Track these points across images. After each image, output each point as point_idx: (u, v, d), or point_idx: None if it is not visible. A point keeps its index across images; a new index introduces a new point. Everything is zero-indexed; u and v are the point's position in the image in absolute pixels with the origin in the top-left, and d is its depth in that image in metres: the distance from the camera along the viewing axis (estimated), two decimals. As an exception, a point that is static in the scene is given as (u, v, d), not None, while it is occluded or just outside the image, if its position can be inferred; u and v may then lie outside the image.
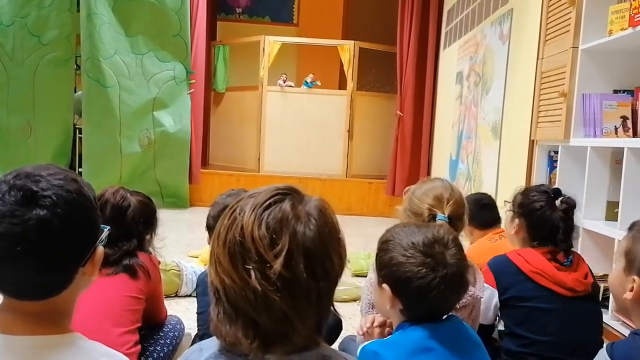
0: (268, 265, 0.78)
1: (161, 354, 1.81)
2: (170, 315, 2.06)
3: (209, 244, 1.63)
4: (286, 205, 0.82)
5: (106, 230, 0.97)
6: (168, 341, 1.88)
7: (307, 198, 0.86)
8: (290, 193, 0.85)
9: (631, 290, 1.17)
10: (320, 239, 0.82)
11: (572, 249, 1.65)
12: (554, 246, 1.61)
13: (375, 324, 1.39)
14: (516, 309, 1.59)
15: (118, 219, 1.68)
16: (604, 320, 2.19)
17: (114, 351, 0.94)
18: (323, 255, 0.82)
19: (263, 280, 0.78)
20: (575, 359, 1.50)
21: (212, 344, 0.87)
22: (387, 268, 1.17)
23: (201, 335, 1.72)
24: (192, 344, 1.83)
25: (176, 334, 1.95)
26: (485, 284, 1.61)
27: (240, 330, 0.80)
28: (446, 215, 1.55)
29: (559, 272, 1.57)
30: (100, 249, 0.94)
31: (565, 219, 1.61)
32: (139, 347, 1.69)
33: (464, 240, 1.95)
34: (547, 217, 1.63)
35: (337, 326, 1.95)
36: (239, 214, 0.82)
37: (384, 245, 1.20)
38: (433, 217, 1.61)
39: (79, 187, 0.89)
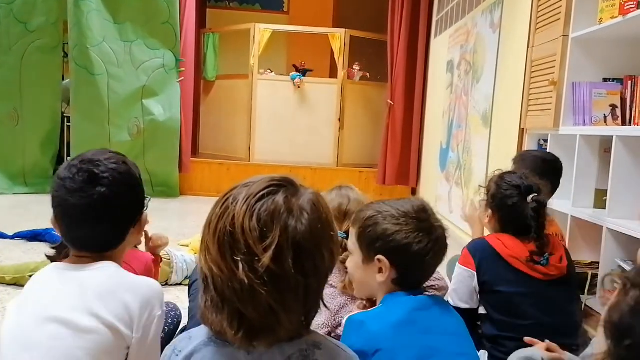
0: (256, 258, 0.78)
1: None
2: (167, 302, 2.04)
3: None
4: (279, 197, 0.81)
5: (148, 200, 1.26)
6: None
7: (302, 190, 0.85)
8: (285, 185, 0.84)
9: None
10: (312, 234, 0.81)
11: (546, 242, 1.64)
12: (528, 241, 1.62)
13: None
14: (494, 294, 1.60)
15: None
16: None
17: (152, 279, 1.19)
18: (313, 250, 0.81)
19: (250, 272, 0.78)
20: (552, 341, 1.50)
21: (201, 332, 0.87)
22: (381, 239, 1.20)
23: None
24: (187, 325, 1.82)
25: (169, 321, 1.89)
26: (461, 268, 1.65)
27: (226, 320, 0.81)
28: (344, 232, 1.49)
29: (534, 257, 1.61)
30: (145, 214, 1.25)
31: (536, 218, 1.61)
32: None
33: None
34: (519, 214, 1.63)
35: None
36: (232, 203, 0.82)
37: (371, 220, 1.23)
38: None
39: (128, 169, 1.19)
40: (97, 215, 1.12)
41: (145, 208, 1.24)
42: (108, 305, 1.07)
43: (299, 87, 6.07)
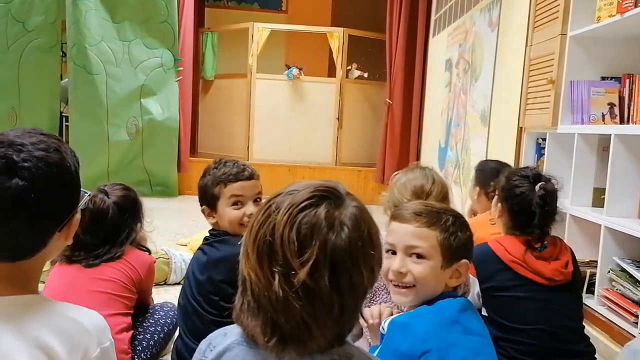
0: (293, 272, 0.76)
1: (151, 342, 1.78)
2: (165, 301, 2.03)
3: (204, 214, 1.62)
4: (322, 210, 0.79)
5: (87, 195, 1.01)
6: (159, 329, 1.84)
7: (347, 202, 0.82)
8: (329, 196, 0.81)
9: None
10: (350, 252, 0.79)
11: (549, 235, 1.64)
12: (531, 233, 1.61)
13: (384, 315, 1.38)
14: (496, 298, 1.59)
15: (99, 224, 1.67)
16: (590, 305, 2.22)
17: (84, 308, 0.95)
18: (351, 268, 0.79)
19: (286, 285, 0.76)
20: (553, 345, 1.51)
21: (236, 330, 0.87)
22: (469, 244, 1.26)
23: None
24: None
25: (168, 320, 1.89)
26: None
27: (260, 327, 0.80)
28: None
29: (537, 262, 1.57)
30: (78, 215, 0.96)
31: (542, 205, 1.59)
32: (130, 332, 1.68)
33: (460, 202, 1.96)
34: (526, 204, 1.60)
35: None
36: (274, 211, 0.80)
37: (460, 226, 1.24)
38: None
39: (60, 159, 0.90)
40: (10, 215, 0.85)
41: (80, 207, 0.97)
42: (23, 348, 0.84)
43: (298, 77, 6.05)
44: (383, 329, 1.20)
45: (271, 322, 0.79)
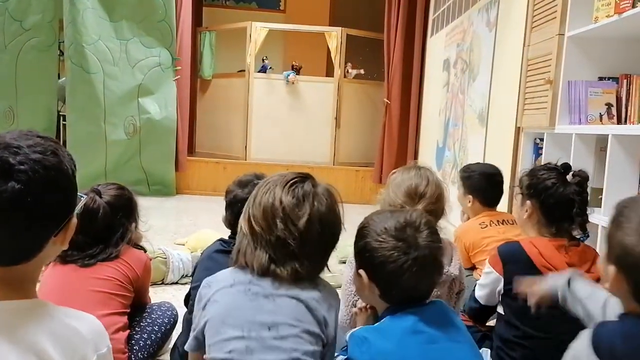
0: (293, 224, 1.12)
1: (148, 342, 1.77)
2: (163, 301, 2.03)
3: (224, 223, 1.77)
4: (307, 185, 1.16)
5: (83, 199, 0.99)
6: (156, 328, 1.83)
7: (320, 184, 1.20)
8: (308, 177, 1.19)
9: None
10: (330, 212, 1.17)
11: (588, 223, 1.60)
12: (570, 224, 1.56)
13: (356, 309, 1.41)
14: (518, 302, 1.49)
15: (89, 223, 1.65)
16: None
17: (82, 313, 0.94)
18: (332, 223, 1.17)
19: (286, 231, 1.12)
20: (557, 356, 1.47)
21: (227, 272, 1.20)
22: (362, 254, 1.20)
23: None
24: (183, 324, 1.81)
25: (165, 320, 1.88)
26: (490, 268, 1.58)
27: (260, 260, 1.13)
28: None
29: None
30: (74, 220, 0.94)
31: (580, 192, 1.56)
32: (127, 331, 1.68)
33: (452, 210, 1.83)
34: (560, 194, 1.56)
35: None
36: (272, 186, 1.16)
37: (360, 232, 1.24)
38: None
39: (57, 162, 0.88)
40: (5, 218, 0.83)
41: (76, 212, 0.95)
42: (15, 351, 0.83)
43: (293, 83, 6.06)
44: (346, 341, 1.21)
45: (269, 257, 1.13)
